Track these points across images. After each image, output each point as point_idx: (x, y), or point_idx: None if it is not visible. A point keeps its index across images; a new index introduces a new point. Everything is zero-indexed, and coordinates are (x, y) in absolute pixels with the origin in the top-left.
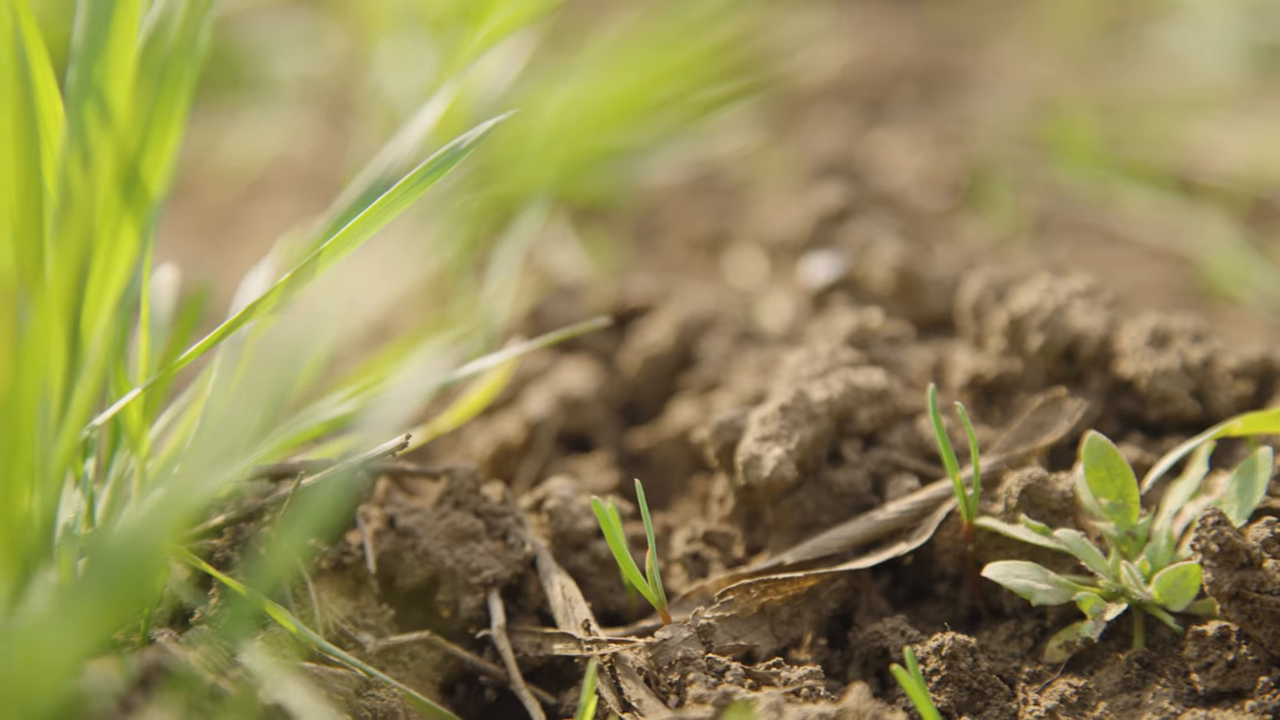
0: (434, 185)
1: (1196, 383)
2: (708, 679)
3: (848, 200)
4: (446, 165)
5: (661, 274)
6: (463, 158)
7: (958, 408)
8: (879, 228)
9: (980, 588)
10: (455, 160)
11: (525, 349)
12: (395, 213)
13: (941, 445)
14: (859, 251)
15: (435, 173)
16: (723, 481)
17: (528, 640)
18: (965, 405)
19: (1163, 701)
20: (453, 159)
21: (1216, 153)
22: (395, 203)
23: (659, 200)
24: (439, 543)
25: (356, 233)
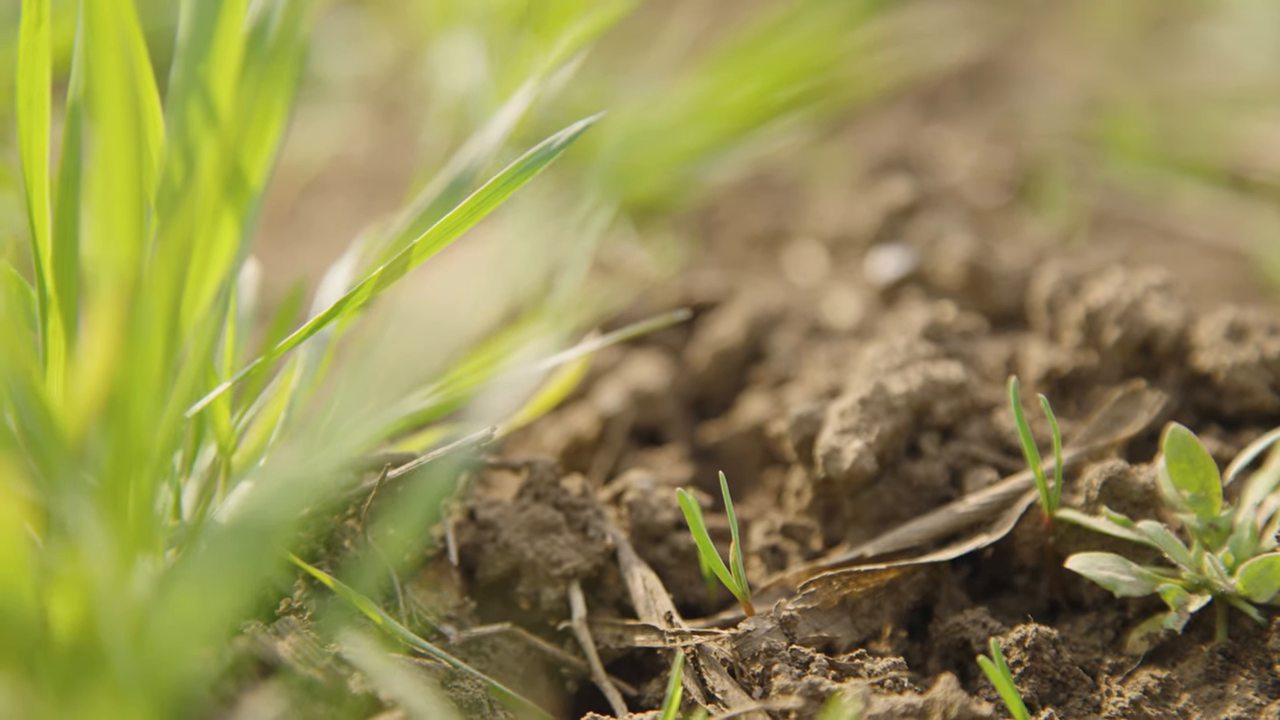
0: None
1: (1275, 375)
2: (792, 670)
3: (915, 195)
4: (537, 166)
5: (723, 270)
6: (553, 158)
7: (1041, 400)
8: (946, 222)
9: (1060, 580)
10: (546, 160)
11: (601, 344)
12: (486, 211)
13: (1023, 437)
14: (927, 246)
15: (526, 173)
16: (800, 474)
17: (608, 632)
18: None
19: (1247, 693)
20: (544, 159)
21: (1268, 149)
22: (486, 201)
23: (715, 198)
24: (519, 535)
25: (447, 230)
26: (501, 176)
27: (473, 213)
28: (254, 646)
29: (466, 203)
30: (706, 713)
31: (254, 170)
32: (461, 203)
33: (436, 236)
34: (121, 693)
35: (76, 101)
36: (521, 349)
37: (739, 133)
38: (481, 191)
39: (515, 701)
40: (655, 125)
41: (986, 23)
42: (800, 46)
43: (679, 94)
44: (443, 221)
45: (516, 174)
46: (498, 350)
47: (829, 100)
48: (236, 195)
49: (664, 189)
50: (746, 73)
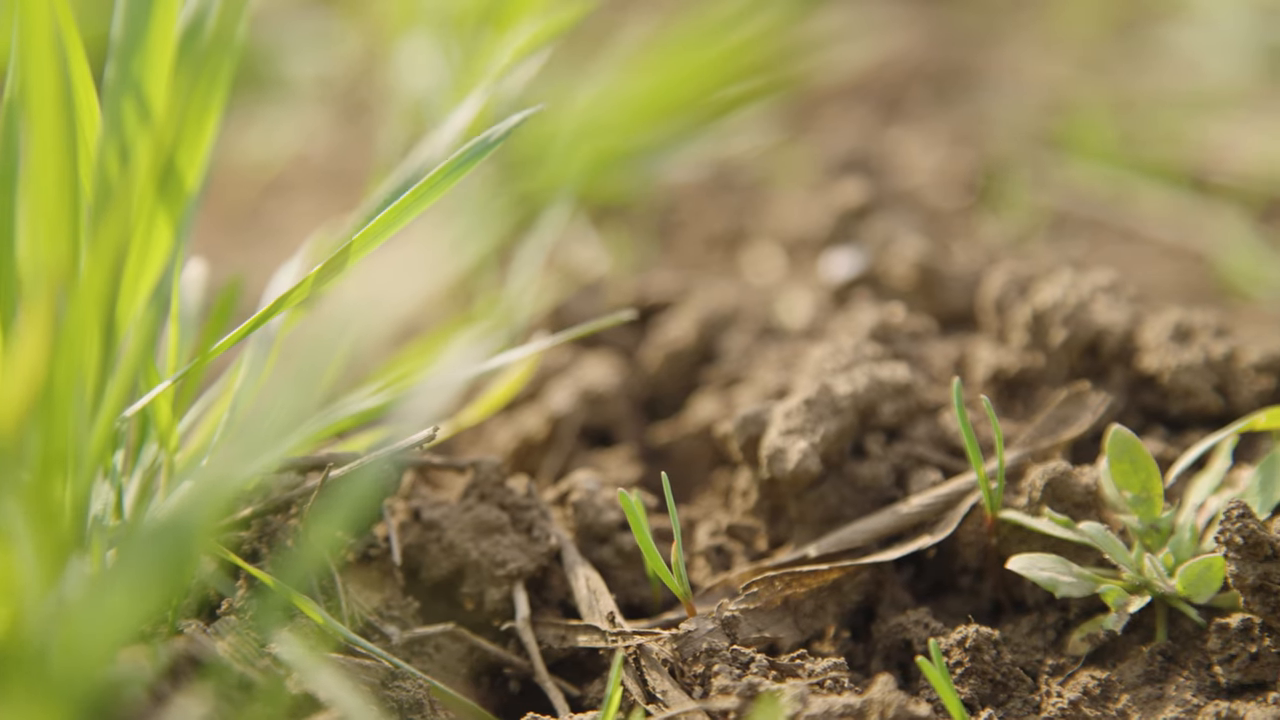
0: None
1: (1219, 377)
2: (733, 670)
3: (868, 197)
4: (475, 159)
5: (680, 271)
6: (490, 151)
7: (983, 401)
8: (899, 224)
9: (1003, 581)
10: (484, 154)
11: (550, 343)
12: (424, 206)
13: (966, 438)
14: (879, 248)
15: (463, 166)
16: (746, 475)
17: (552, 632)
18: (989, 399)
19: (1185, 694)
20: (481, 152)
21: (1230, 152)
22: (424, 196)
23: (676, 198)
24: (464, 535)
25: (385, 226)
26: (439, 171)
27: (411, 208)
28: (191, 646)
29: (403, 199)
30: (645, 712)
31: (189, 168)
32: (399, 198)
33: (375, 232)
34: (41, 694)
35: (12, 101)
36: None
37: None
38: (418, 187)
39: (457, 702)
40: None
41: (952, 24)
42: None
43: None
44: (380, 218)
45: (455, 168)
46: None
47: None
48: (172, 193)
49: (623, 187)
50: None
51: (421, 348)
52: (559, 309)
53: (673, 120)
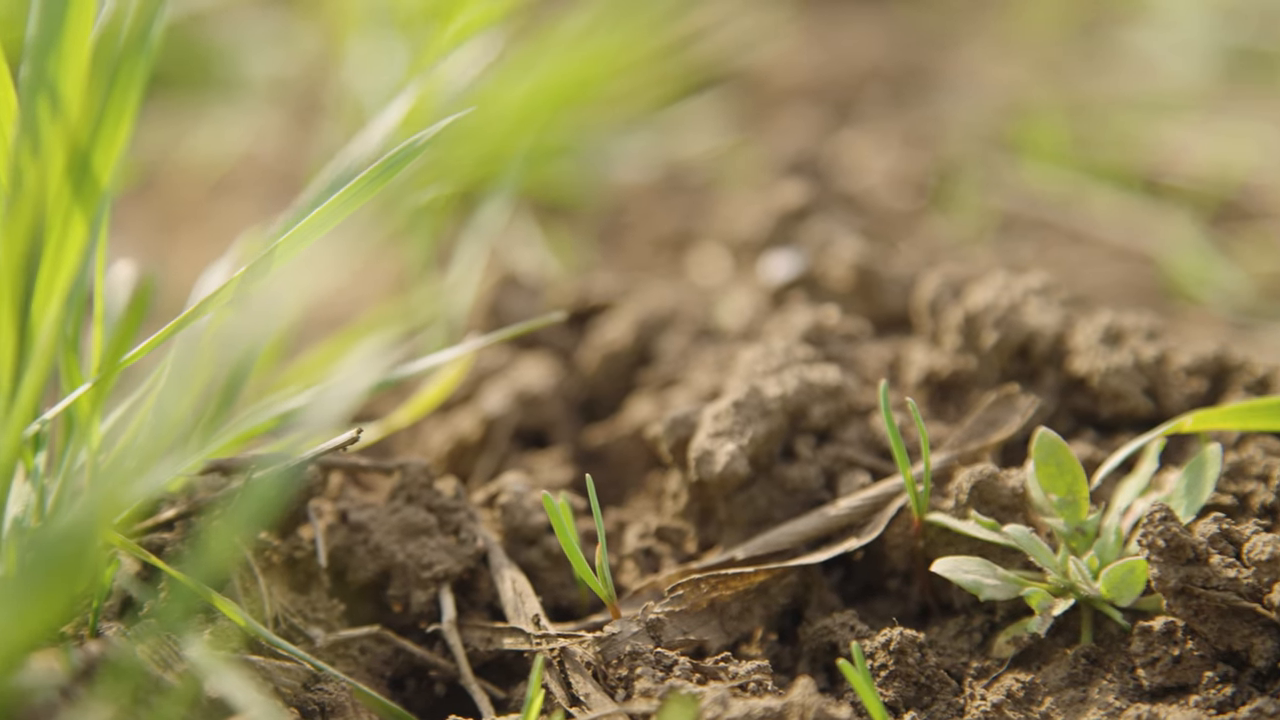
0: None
1: (1149, 380)
2: (655, 673)
3: (807, 198)
4: (403, 161)
5: (626, 272)
6: (419, 154)
7: (909, 404)
8: (839, 226)
9: (930, 583)
10: (412, 156)
11: (480, 344)
12: (352, 208)
13: (893, 441)
14: (818, 250)
15: (392, 169)
16: (676, 477)
17: (478, 635)
18: (920, 402)
19: (1108, 697)
20: (409, 155)
21: (1183, 154)
22: (352, 198)
23: (626, 199)
24: (390, 537)
25: (313, 228)
26: (368, 174)
27: (339, 210)
28: (107, 649)
29: (330, 201)
30: (569, 715)
31: (105, 165)
32: (322, 203)
33: (301, 234)
34: None
35: None
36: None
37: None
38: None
39: (379, 704)
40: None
41: (912, 26)
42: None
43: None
44: (307, 220)
45: (383, 170)
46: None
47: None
48: (87, 191)
49: (571, 188)
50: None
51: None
52: (497, 310)
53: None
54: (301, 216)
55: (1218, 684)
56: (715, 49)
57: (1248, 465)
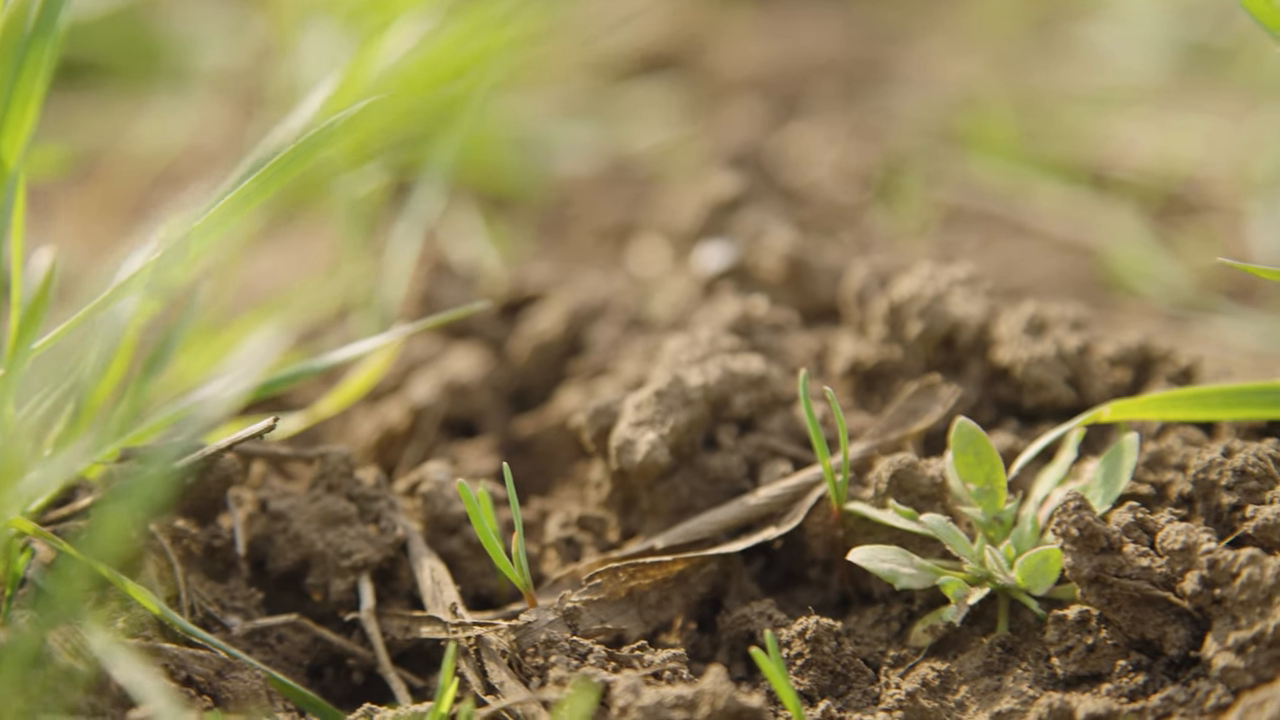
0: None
1: (1072, 370)
2: (570, 661)
3: (740, 189)
4: (318, 146)
5: (566, 263)
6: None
7: (827, 393)
8: (771, 217)
9: (850, 573)
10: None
11: (405, 333)
12: (266, 194)
13: (811, 430)
14: (751, 241)
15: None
16: (599, 467)
17: (397, 623)
18: (845, 392)
19: (1022, 685)
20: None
21: (1131, 148)
22: (266, 183)
23: (571, 190)
24: (310, 526)
25: (226, 214)
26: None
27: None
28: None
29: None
30: (482, 703)
31: (11, 152)
32: (239, 187)
33: (215, 220)
34: None
35: None
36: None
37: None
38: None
39: (296, 693)
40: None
41: (868, 20)
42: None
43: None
44: (219, 206)
45: (297, 155)
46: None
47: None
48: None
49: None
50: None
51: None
52: (429, 299)
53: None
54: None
55: (1131, 672)
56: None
57: (1167, 455)
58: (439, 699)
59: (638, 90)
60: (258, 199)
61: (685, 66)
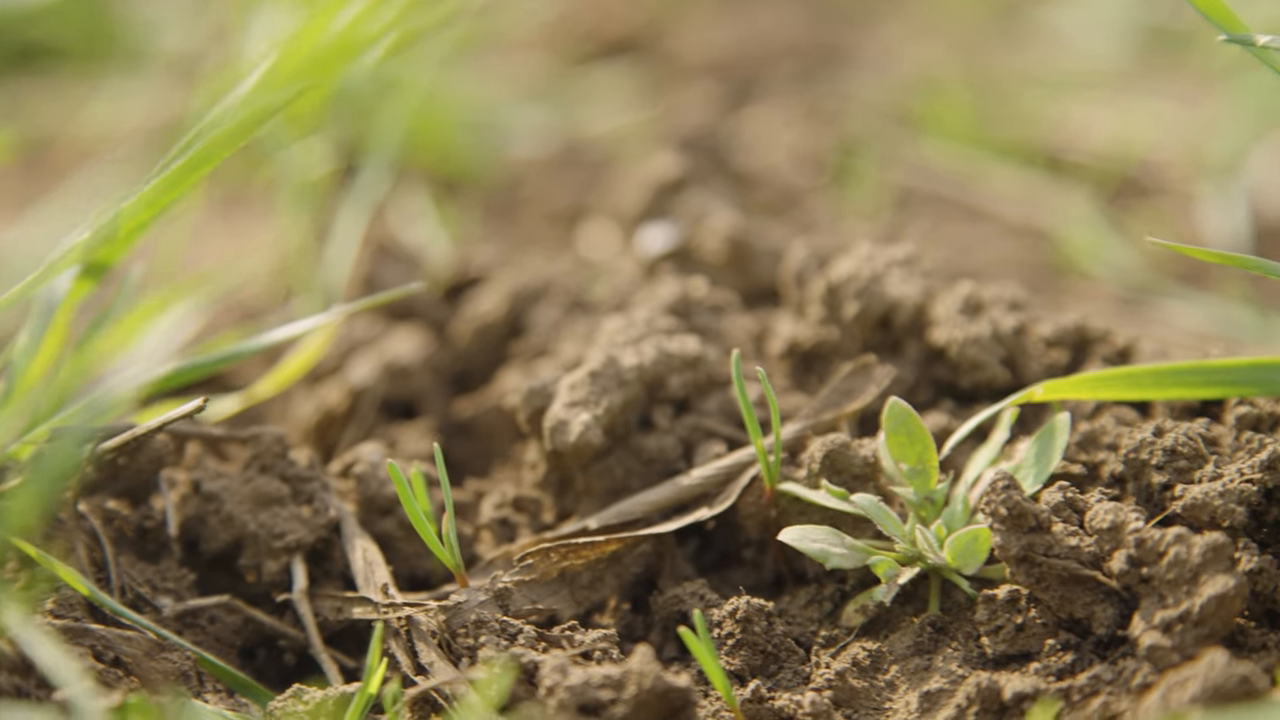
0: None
1: (1008, 350)
2: (500, 642)
3: (683, 171)
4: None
5: (517, 246)
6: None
7: (759, 373)
8: (715, 198)
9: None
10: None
11: (341, 313)
12: (198, 175)
13: (744, 410)
14: (694, 222)
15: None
16: (534, 448)
17: (329, 604)
18: (783, 373)
19: (952, 665)
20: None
21: (1088, 131)
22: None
23: (525, 173)
24: (243, 507)
25: (157, 195)
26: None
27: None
28: None
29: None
30: (412, 682)
31: None
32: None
33: (146, 202)
34: None
35: None
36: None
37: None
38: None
39: (226, 673)
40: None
41: (831, 3)
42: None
43: None
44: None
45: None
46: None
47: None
48: None
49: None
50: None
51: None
52: (373, 281)
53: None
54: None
55: (1059, 651)
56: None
57: (1100, 435)
58: (366, 679)
59: (598, 74)
60: (185, 184)
61: (646, 50)
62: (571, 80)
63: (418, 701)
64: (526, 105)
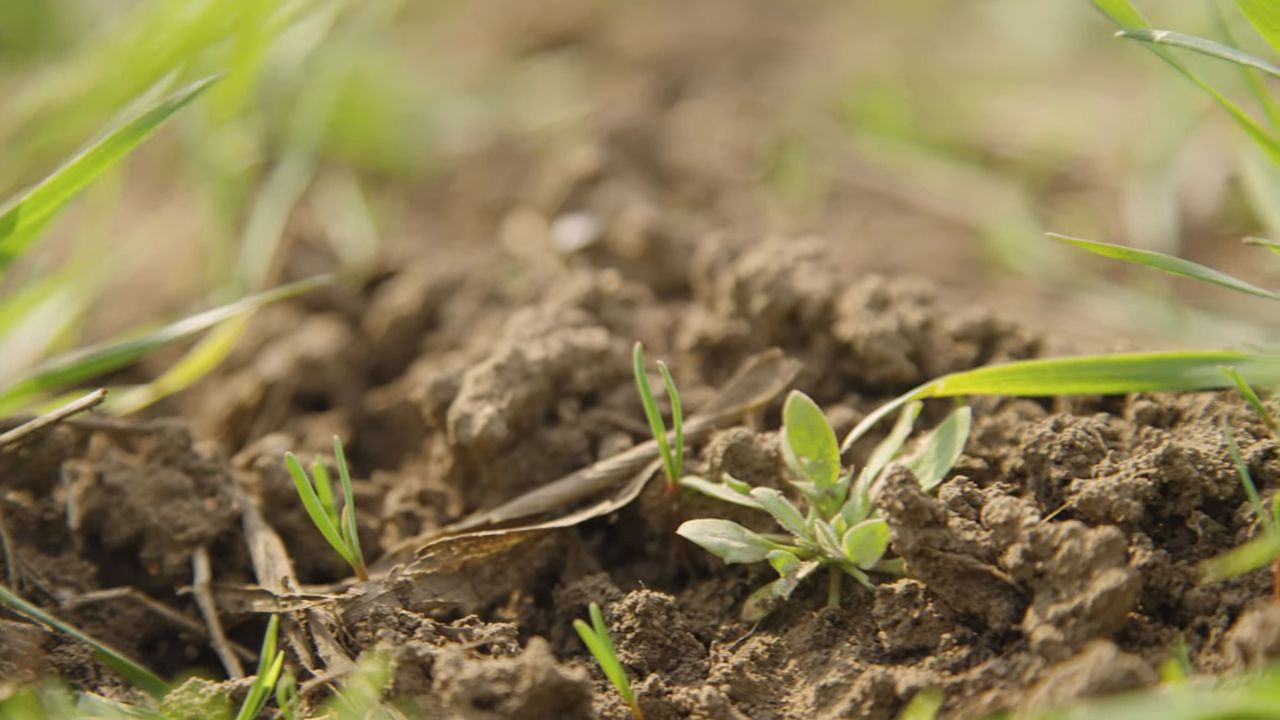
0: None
1: (914, 345)
2: (397, 635)
3: (601, 165)
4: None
5: (444, 239)
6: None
7: (661, 367)
8: (633, 192)
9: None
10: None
11: (248, 306)
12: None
13: (646, 404)
14: (610, 216)
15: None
16: (440, 441)
17: (231, 597)
18: (693, 367)
19: (849, 659)
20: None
21: (1022, 126)
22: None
23: (457, 167)
24: (145, 500)
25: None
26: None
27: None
28: None
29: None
30: (299, 675)
31: None
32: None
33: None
34: None
35: None
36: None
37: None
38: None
39: (125, 666)
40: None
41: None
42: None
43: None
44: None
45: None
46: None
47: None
48: None
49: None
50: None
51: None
52: (290, 274)
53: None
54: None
55: (955, 645)
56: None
57: (1003, 429)
58: (261, 672)
59: (539, 67)
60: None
61: (587, 43)
62: (512, 74)
63: (315, 695)
64: (464, 98)
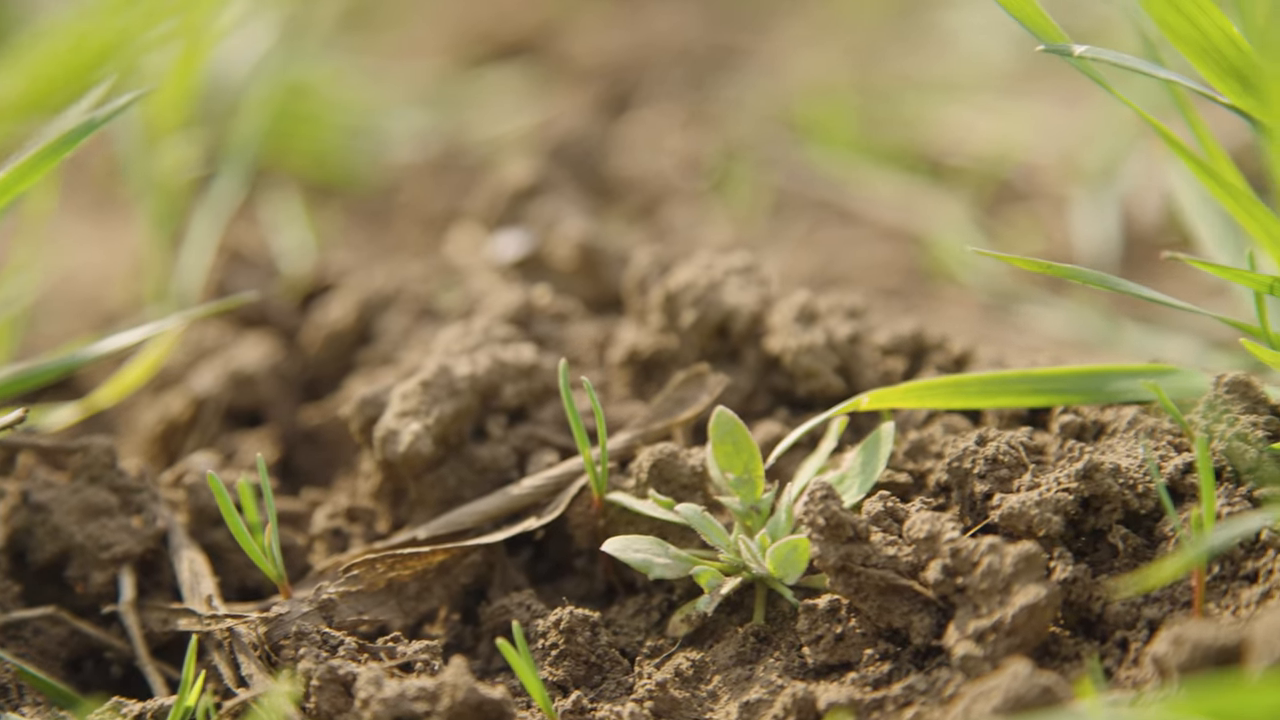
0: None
1: (842, 359)
2: (320, 654)
3: (537, 177)
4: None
5: (388, 251)
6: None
7: (584, 383)
8: (570, 205)
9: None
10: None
11: (177, 321)
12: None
13: (571, 419)
14: (546, 229)
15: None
16: (369, 458)
17: (156, 616)
18: (624, 381)
19: (772, 675)
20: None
21: (970, 135)
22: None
23: (402, 178)
24: (70, 518)
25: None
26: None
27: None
28: None
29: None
30: (221, 694)
31: None
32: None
33: None
34: None
35: None
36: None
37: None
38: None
39: (47, 685)
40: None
41: (729, 6)
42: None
43: None
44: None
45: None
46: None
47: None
48: None
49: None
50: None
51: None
52: (225, 289)
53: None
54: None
55: (878, 661)
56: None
57: (929, 443)
58: (182, 692)
59: (490, 76)
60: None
61: (540, 52)
62: (463, 83)
63: (237, 714)
64: (414, 108)
